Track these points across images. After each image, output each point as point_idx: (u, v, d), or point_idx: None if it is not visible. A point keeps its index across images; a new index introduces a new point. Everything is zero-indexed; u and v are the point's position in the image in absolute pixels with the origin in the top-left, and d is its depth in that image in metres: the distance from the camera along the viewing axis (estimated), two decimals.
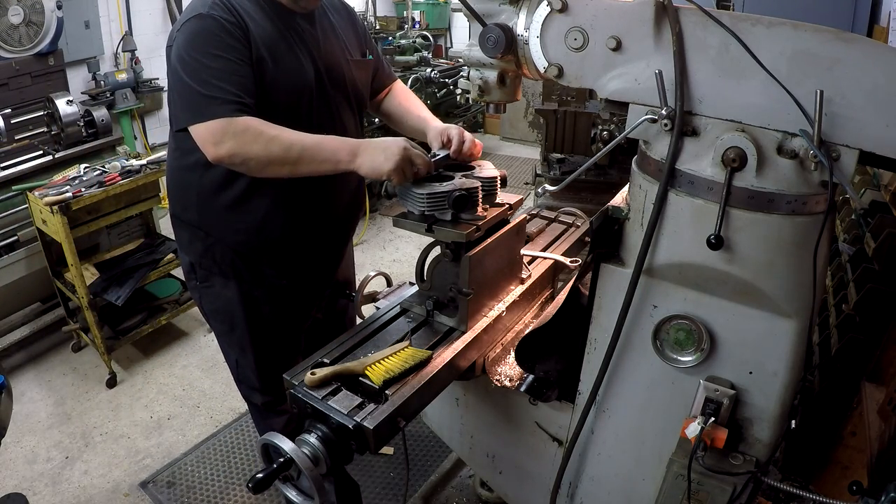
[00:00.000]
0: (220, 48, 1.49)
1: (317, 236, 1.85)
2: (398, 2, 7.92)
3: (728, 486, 1.19)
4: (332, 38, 1.77)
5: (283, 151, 1.48)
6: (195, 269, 1.87)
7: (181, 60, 1.51)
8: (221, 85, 1.47)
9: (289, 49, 1.63)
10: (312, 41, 1.69)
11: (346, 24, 1.86)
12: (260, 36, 1.56)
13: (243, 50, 1.51)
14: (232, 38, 1.50)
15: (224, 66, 1.49)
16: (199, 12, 1.51)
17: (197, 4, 1.55)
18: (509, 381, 1.59)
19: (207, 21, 1.50)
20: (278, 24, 1.61)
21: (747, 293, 1.13)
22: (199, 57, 1.49)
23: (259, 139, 1.46)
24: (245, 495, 2.52)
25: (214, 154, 1.49)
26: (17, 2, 3.94)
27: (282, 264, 1.84)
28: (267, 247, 1.79)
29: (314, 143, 1.50)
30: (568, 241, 2.03)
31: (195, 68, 1.48)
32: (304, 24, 1.69)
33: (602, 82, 1.19)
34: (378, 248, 4.70)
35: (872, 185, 2.38)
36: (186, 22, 1.53)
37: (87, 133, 3.43)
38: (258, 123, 1.48)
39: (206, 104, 1.47)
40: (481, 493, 2.38)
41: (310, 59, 1.67)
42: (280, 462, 1.23)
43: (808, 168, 1.01)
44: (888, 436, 1.55)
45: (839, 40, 0.96)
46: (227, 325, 1.91)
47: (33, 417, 3.01)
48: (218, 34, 1.49)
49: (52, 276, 3.28)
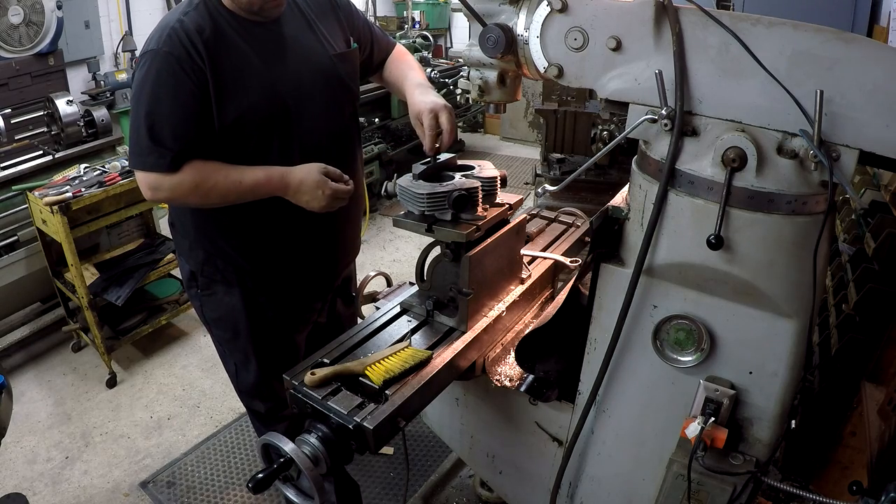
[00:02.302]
0: (169, 92, 1.51)
1: (317, 243, 1.83)
2: (398, 2, 7.92)
3: (728, 486, 1.19)
4: (310, 39, 1.71)
5: (221, 200, 1.60)
6: (196, 277, 1.85)
7: (134, 99, 1.56)
8: (165, 133, 1.51)
9: (260, 65, 1.59)
10: (284, 51, 1.65)
11: (325, 14, 1.77)
12: (221, 61, 1.54)
13: (194, 90, 1.51)
14: (182, 77, 1.50)
15: (171, 112, 1.51)
16: (153, 48, 1.51)
17: (155, 35, 1.54)
18: (509, 381, 1.59)
19: (159, 60, 1.50)
20: (243, 41, 1.58)
21: (747, 293, 1.13)
22: (149, 101, 1.52)
23: (195, 192, 1.57)
24: (245, 495, 2.52)
25: (152, 198, 1.61)
26: (17, 2, 3.94)
27: (284, 272, 1.82)
28: (268, 258, 1.78)
29: (249, 188, 1.58)
30: (568, 241, 2.03)
31: (144, 112, 1.52)
32: (273, 34, 1.64)
33: (602, 82, 1.19)
34: (378, 248, 4.70)
35: (872, 185, 2.37)
36: (143, 57, 1.54)
37: (87, 133, 3.43)
38: (194, 176, 1.55)
39: (148, 153, 1.53)
40: (481, 493, 2.38)
41: (284, 71, 1.63)
42: (280, 462, 1.23)
43: (808, 168, 1.01)
44: (888, 436, 1.55)
45: (839, 40, 0.96)
46: (231, 333, 1.89)
47: (33, 417, 3.01)
48: (167, 77, 1.50)
49: (52, 276, 3.28)
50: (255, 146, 1.62)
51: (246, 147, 1.61)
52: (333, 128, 1.76)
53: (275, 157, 1.64)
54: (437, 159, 1.58)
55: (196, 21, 1.53)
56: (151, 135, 1.51)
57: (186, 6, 1.57)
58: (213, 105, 1.54)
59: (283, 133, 1.65)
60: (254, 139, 1.62)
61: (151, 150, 1.52)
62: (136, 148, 1.56)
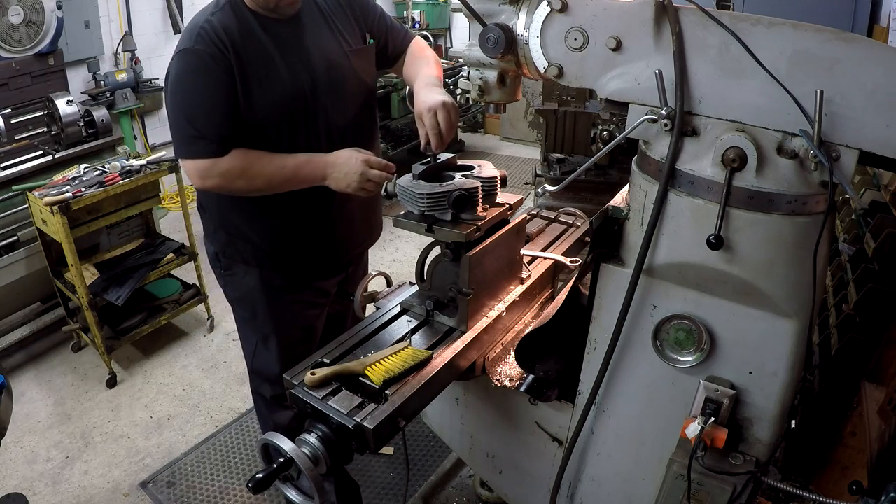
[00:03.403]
0: (206, 85, 1.59)
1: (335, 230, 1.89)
2: (398, 2, 7.92)
3: (728, 486, 1.19)
4: (327, 35, 1.76)
5: (266, 184, 1.68)
6: (219, 257, 1.94)
7: (172, 95, 1.63)
8: (207, 122, 1.60)
9: (281, 61, 1.66)
10: (303, 47, 1.70)
11: (341, 10, 1.82)
12: (248, 57, 1.61)
13: (227, 82, 1.59)
14: (216, 71, 1.58)
15: (209, 102, 1.60)
16: (186, 47, 1.60)
17: (186, 35, 1.62)
18: (509, 381, 1.59)
19: (192, 57, 1.59)
20: (266, 38, 1.65)
21: (747, 293, 1.13)
22: (187, 95, 1.62)
23: (243, 176, 1.65)
24: (245, 495, 2.52)
25: (201, 186, 1.69)
26: (17, 2, 3.94)
27: (300, 253, 1.88)
28: (285, 240, 1.85)
29: (292, 172, 1.67)
30: (568, 241, 2.03)
31: (184, 106, 1.62)
32: (292, 31, 1.69)
33: (602, 82, 1.19)
34: (378, 248, 4.70)
35: (872, 185, 2.37)
36: (177, 55, 1.62)
37: (87, 133, 3.43)
38: (241, 161, 1.64)
39: (193, 142, 1.62)
40: (481, 493, 2.38)
41: (303, 67, 1.69)
42: (280, 462, 1.23)
43: (808, 168, 1.01)
44: (888, 436, 1.55)
45: (839, 40, 0.96)
46: (250, 312, 1.97)
47: (33, 417, 3.01)
48: (202, 72, 1.59)
49: (52, 276, 3.28)
50: (279, 140, 1.69)
51: (272, 141, 1.68)
52: (351, 122, 1.81)
53: (301, 143, 1.71)
54: (437, 159, 1.58)
55: (223, 21, 1.61)
56: (195, 125, 1.60)
57: (213, 7, 1.65)
58: (241, 99, 1.61)
59: (305, 128, 1.71)
60: (278, 134, 1.69)
61: (197, 139, 1.61)
62: (181, 139, 1.64)
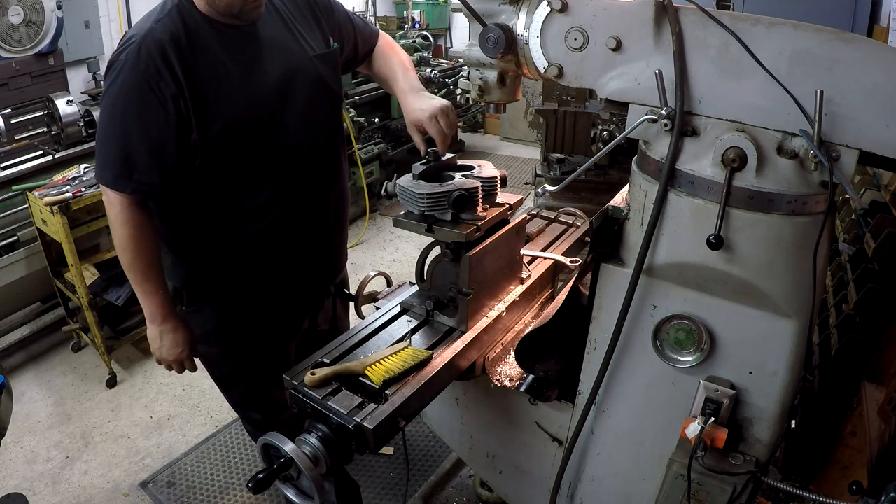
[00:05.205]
0: (140, 118, 1.46)
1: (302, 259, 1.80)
2: (398, 2, 7.92)
3: (728, 486, 1.19)
4: (289, 40, 1.64)
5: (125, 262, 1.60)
6: (181, 293, 1.82)
7: (109, 117, 1.50)
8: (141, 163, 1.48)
9: (238, 75, 1.53)
10: (262, 57, 1.58)
11: (303, 14, 1.71)
12: (198, 73, 1.47)
13: (165, 118, 1.46)
14: (152, 98, 1.44)
15: (144, 144, 1.48)
16: (125, 61, 1.44)
17: (125, 45, 1.46)
18: (509, 381, 1.59)
19: (131, 78, 1.43)
20: (220, 50, 1.51)
21: (747, 293, 1.13)
22: (124, 126, 1.48)
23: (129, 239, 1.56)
24: (245, 495, 2.52)
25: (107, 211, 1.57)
26: (17, 2, 3.94)
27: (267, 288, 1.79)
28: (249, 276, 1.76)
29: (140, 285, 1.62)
30: (568, 241, 2.03)
31: (118, 134, 1.49)
32: (251, 36, 1.57)
33: (602, 82, 1.19)
34: (378, 248, 4.70)
35: (872, 185, 2.38)
36: (113, 69, 1.47)
37: (87, 133, 3.42)
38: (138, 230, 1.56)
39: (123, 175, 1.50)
40: (481, 493, 2.38)
41: (263, 80, 1.57)
42: (280, 462, 1.23)
43: (808, 168, 1.01)
44: (888, 436, 1.55)
45: (839, 40, 0.96)
46: (219, 347, 1.87)
47: (33, 417, 3.01)
48: (137, 102, 1.45)
49: (52, 276, 3.28)
50: (241, 155, 1.58)
51: (232, 156, 1.57)
52: (318, 130, 1.72)
53: (263, 165, 1.61)
54: (437, 159, 1.58)
55: (169, 29, 1.44)
56: (128, 163, 1.49)
57: (159, 12, 1.49)
58: (193, 119, 1.47)
59: (268, 139, 1.60)
60: (239, 148, 1.56)
61: (126, 175, 1.50)
62: (110, 164, 1.51)
